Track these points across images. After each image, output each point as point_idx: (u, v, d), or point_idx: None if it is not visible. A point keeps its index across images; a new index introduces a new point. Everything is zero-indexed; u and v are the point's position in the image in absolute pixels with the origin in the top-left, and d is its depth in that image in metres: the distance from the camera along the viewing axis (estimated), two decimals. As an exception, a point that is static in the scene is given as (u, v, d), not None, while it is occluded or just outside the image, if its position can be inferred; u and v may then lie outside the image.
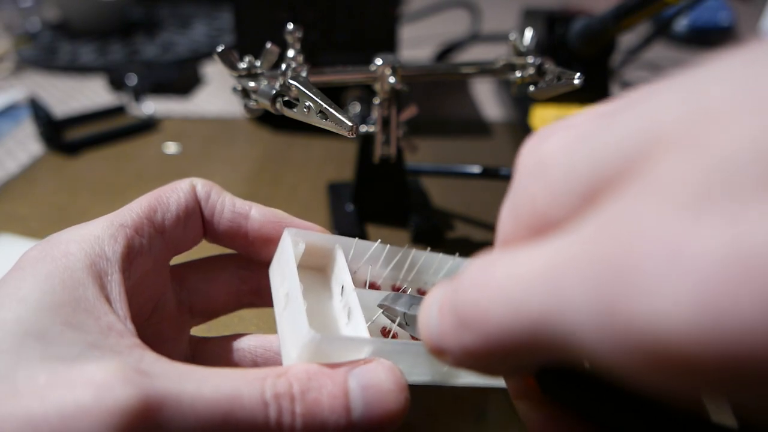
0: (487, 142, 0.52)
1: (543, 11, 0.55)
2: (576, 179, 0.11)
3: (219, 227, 0.22)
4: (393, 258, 0.24)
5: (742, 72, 0.09)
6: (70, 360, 0.15)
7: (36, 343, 0.15)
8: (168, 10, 0.89)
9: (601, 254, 0.09)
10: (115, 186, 0.43)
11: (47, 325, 0.15)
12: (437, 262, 0.25)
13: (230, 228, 0.22)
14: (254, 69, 0.28)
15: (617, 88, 0.64)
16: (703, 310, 0.08)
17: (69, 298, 0.16)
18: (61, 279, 0.16)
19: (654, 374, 0.09)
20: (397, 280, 0.24)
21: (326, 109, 0.24)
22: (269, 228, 0.22)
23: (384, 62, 0.31)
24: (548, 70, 0.32)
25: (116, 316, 0.17)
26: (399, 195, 0.38)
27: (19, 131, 0.52)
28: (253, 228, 0.22)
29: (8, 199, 0.41)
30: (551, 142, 0.13)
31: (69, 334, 0.15)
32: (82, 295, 0.16)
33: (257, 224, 0.22)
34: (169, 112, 0.56)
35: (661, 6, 0.42)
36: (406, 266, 0.24)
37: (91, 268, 0.17)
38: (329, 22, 0.49)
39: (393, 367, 0.17)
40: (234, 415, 0.15)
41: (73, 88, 0.63)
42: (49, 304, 0.15)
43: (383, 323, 0.21)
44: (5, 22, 0.77)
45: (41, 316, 0.15)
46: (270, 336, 0.22)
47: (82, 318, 0.16)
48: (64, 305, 0.16)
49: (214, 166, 0.47)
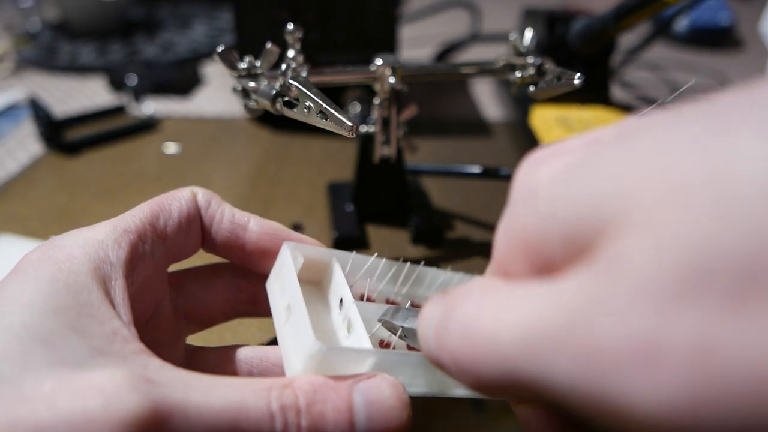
0: (487, 142, 0.52)
1: (543, 11, 0.55)
2: (559, 223, 0.11)
3: (217, 237, 0.22)
4: (388, 272, 0.24)
5: (717, 142, 0.09)
6: (76, 365, 0.14)
7: (42, 348, 0.14)
8: (168, 10, 0.89)
9: (578, 336, 0.10)
10: (115, 186, 0.43)
11: (53, 330, 0.15)
12: (430, 276, 0.25)
13: (228, 239, 0.22)
14: (254, 69, 0.28)
15: (617, 88, 0.64)
16: (676, 406, 0.09)
17: (73, 302, 0.16)
18: (65, 283, 0.16)
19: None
20: (392, 293, 0.25)
21: (326, 109, 0.24)
22: (267, 240, 0.22)
23: (384, 62, 0.31)
24: (548, 70, 0.32)
25: (121, 321, 0.16)
26: (399, 195, 0.38)
27: (19, 131, 0.52)
28: (250, 240, 0.22)
29: (8, 199, 0.41)
30: (543, 170, 0.13)
31: (74, 339, 0.15)
32: (86, 300, 0.16)
33: (255, 236, 0.22)
34: (169, 112, 0.56)
35: (661, 6, 0.42)
36: (401, 280, 0.24)
37: (96, 272, 0.17)
38: (329, 22, 0.49)
39: (396, 383, 0.17)
40: (240, 426, 0.15)
41: (73, 88, 0.63)
42: (54, 308, 0.15)
43: (381, 336, 0.21)
44: (5, 22, 0.77)
45: (46, 320, 0.15)
46: (266, 347, 0.22)
47: (87, 323, 0.16)
48: (69, 309, 0.16)
49: (214, 166, 0.46)
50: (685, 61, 0.74)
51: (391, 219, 0.39)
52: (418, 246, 0.37)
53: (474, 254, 0.36)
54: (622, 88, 0.65)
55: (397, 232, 0.38)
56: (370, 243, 0.37)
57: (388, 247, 0.37)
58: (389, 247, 0.37)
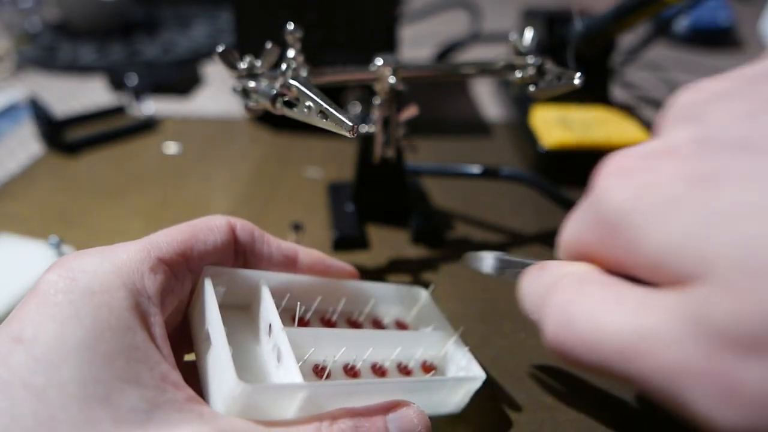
0: (487, 142, 0.52)
1: (543, 11, 0.55)
2: (650, 253, 0.13)
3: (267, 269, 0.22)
4: (322, 290, 0.23)
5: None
6: (140, 424, 0.14)
7: (103, 410, 0.14)
8: (168, 10, 0.89)
9: (674, 345, 0.12)
10: (115, 186, 0.43)
11: (108, 384, 0.14)
12: (367, 289, 0.25)
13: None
14: (254, 69, 0.28)
15: (617, 88, 0.64)
16: (748, 429, 0.11)
17: (121, 346, 0.15)
18: (109, 323, 0.15)
19: None
20: (327, 312, 0.24)
21: (326, 109, 0.24)
22: (318, 270, 0.23)
23: (384, 62, 0.31)
24: (548, 70, 0.32)
25: (167, 365, 0.16)
26: (399, 195, 0.38)
27: (19, 131, 0.52)
28: (301, 272, 0.23)
29: (8, 199, 0.41)
30: (635, 187, 0.14)
31: (130, 392, 0.14)
32: (132, 342, 0.15)
33: (306, 268, 0.23)
34: (169, 112, 0.56)
35: (661, 6, 0.42)
36: (337, 297, 0.24)
37: (136, 308, 0.16)
38: (329, 22, 0.49)
39: (421, 412, 0.19)
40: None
41: (73, 88, 0.63)
42: (104, 356, 0.14)
43: (315, 360, 0.21)
44: (5, 22, 0.77)
45: (101, 373, 0.14)
46: None
47: (138, 370, 0.15)
48: (119, 357, 0.15)
49: (214, 166, 0.46)
50: (685, 61, 0.74)
51: (391, 219, 0.39)
52: (418, 246, 0.37)
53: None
54: (622, 88, 0.65)
55: (397, 232, 0.38)
56: (370, 243, 0.37)
57: (388, 247, 0.37)
58: (389, 247, 0.36)
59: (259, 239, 0.22)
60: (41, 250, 0.32)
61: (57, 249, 0.31)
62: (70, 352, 0.14)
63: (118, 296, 0.16)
